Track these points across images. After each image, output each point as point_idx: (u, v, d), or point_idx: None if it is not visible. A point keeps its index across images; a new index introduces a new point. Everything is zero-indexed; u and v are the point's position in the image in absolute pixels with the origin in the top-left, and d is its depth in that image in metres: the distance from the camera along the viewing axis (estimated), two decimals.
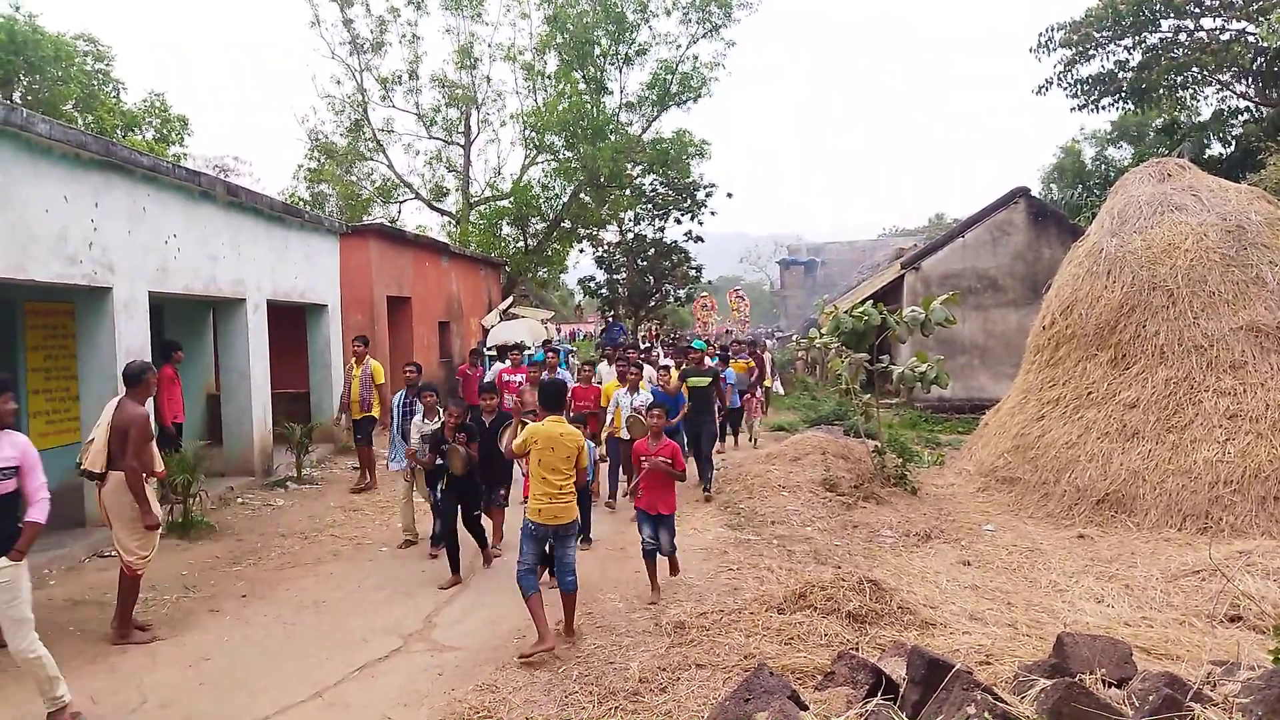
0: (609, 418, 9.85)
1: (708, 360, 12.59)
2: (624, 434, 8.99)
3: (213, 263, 10.27)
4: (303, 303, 12.99)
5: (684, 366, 11.29)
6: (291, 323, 13.37)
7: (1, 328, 9.76)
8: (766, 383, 18.02)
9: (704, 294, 33.48)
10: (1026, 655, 4.88)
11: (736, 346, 17.27)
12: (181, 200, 9.62)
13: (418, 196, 30.38)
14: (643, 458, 6.97)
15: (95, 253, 8.08)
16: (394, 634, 6.06)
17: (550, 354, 12.03)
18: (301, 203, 26.23)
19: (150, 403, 8.89)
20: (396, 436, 9.00)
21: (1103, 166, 31.41)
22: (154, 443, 6.22)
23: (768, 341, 31.63)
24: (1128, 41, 20.87)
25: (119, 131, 21.61)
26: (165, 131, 23.74)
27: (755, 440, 15.01)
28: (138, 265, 8.76)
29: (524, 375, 10.84)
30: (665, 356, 16.30)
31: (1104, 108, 22.32)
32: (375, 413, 11.01)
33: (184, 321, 12.10)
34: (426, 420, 8.02)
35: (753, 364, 15.73)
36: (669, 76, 27.71)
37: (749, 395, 14.85)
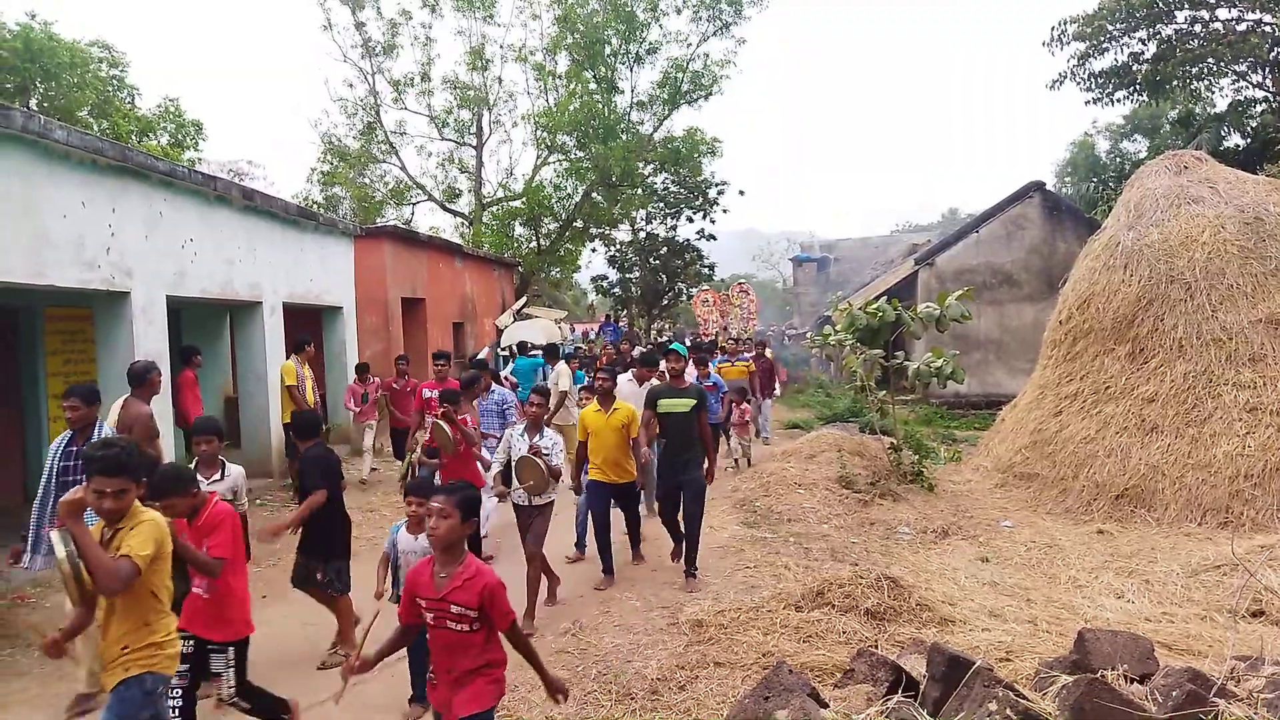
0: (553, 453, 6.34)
1: (689, 373, 8.83)
2: (520, 496, 6.33)
3: (229, 266, 10.34)
4: (318, 305, 13.06)
5: (653, 383, 7.90)
6: (307, 325, 13.44)
7: (21, 333, 9.87)
8: (778, 391, 16.15)
9: (705, 288, 30.29)
10: (1047, 652, 4.86)
11: (733, 346, 15.64)
12: (198, 204, 9.69)
13: (431, 198, 30.46)
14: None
15: (113, 257, 8.14)
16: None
17: (482, 372, 8.65)
18: (315, 205, 26.35)
19: (170, 405, 9.06)
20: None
21: (1117, 160, 31.20)
22: (158, 441, 6.27)
23: (780, 336, 31.01)
24: (1142, 34, 20.65)
25: (134, 137, 21.75)
26: (180, 136, 23.87)
27: (747, 461, 12.15)
28: (155, 269, 8.83)
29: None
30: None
31: (1118, 101, 22.14)
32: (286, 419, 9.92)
33: (201, 325, 12.18)
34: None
35: (752, 367, 13.88)
36: (680, 75, 27.68)
37: (737, 402, 11.85)
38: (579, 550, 8.06)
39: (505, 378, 11.65)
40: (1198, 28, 20.43)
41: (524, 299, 23.88)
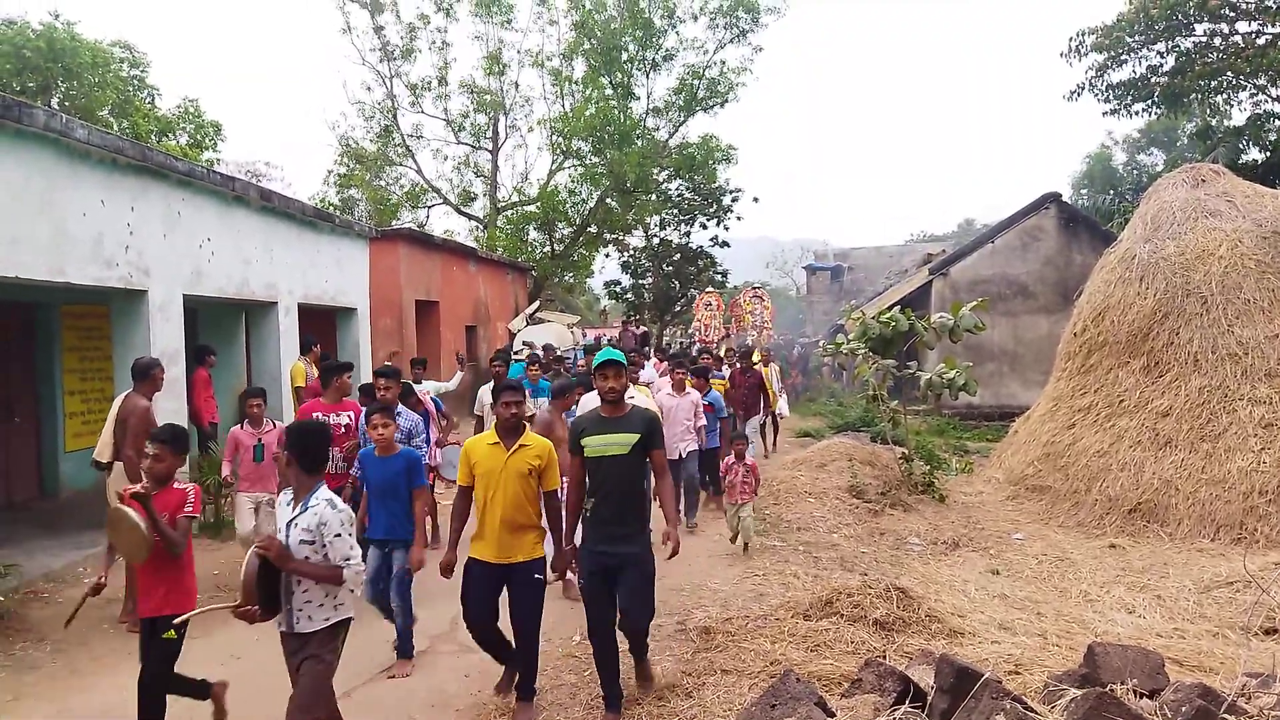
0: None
1: (638, 393, 7.15)
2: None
3: (245, 266, 10.42)
4: (333, 306, 13.13)
5: (575, 414, 6.37)
6: (322, 326, 13.52)
7: (39, 329, 9.96)
8: (774, 406, 13.69)
9: (708, 290, 27.12)
10: (1056, 665, 4.83)
11: (714, 361, 12.65)
12: (215, 205, 9.77)
13: (446, 201, 30.61)
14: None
15: (131, 256, 8.22)
16: (421, 636, 6.10)
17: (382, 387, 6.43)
18: (331, 207, 26.50)
19: (184, 403, 9.13)
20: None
21: (1134, 172, 31.03)
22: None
23: (790, 346, 30.03)
24: (1160, 46, 20.54)
25: (154, 137, 21.93)
26: (199, 137, 24.04)
27: (744, 545, 8.21)
28: (173, 268, 8.90)
29: (351, 416, 6.79)
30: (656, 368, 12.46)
31: (1136, 113, 22.04)
32: None
33: (217, 324, 12.27)
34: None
35: (726, 385, 11.41)
36: (696, 82, 27.74)
37: (737, 452, 8.38)
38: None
39: (423, 394, 8.49)
40: (1217, 41, 20.33)
41: (537, 303, 23.93)
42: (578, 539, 4.97)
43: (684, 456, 8.90)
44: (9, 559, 6.92)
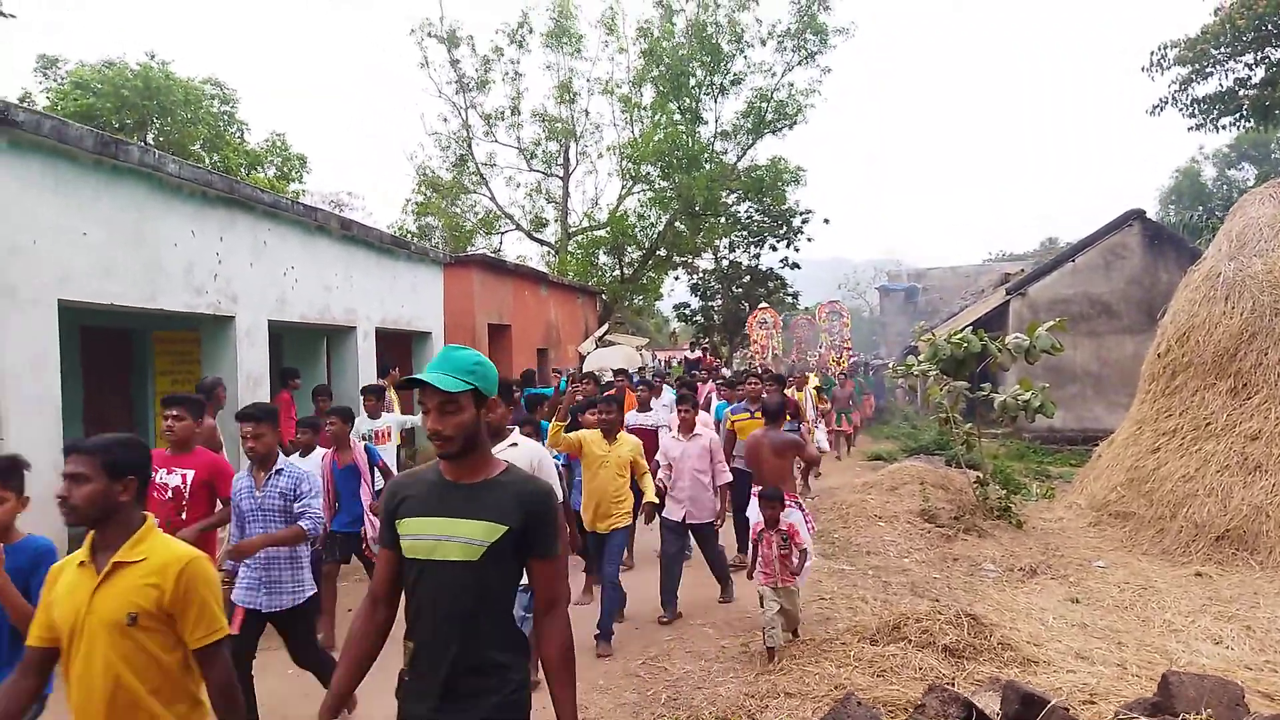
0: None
1: (524, 443, 4.64)
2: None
3: (327, 293, 10.82)
4: (409, 330, 13.52)
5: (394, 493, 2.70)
6: (398, 350, 13.91)
7: (133, 354, 10.51)
8: (812, 444, 9.53)
9: (762, 306, 25.33)
10: (1134, 696, 4.66)
11: (755, 382, 9.15)
12: (299, 234, 10.19)
13: (518, 227, 31.24)
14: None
15: (220, 284, 8.63)
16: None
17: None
18: (409, 235, 27.30)
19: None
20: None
21: (1224, 187, 29.86)
22: (221, 452, 6.44)
23: (861, 368, 27.16)
24: (1249, 58, 19.83)
25: (243, 170, 22.98)
26: (285, 169, 25.11)
27: (768, 653, 5.76)
28: (258, 295, 9.31)
29: (185, 476, 5.17)
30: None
31: (1223, 127, 21.26)
32: None
33: (300, 348, 12.75)
34: None
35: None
36: (764, 105, 27.78)
37: (771, 517, 5.82)
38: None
39: (328, 421, 6.62)
40: None
41: (606, 326, 24.17)
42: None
43: (698, 526, 7.02)
44: None
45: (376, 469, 6.54)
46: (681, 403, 7.28)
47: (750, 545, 6.11)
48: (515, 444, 4.51)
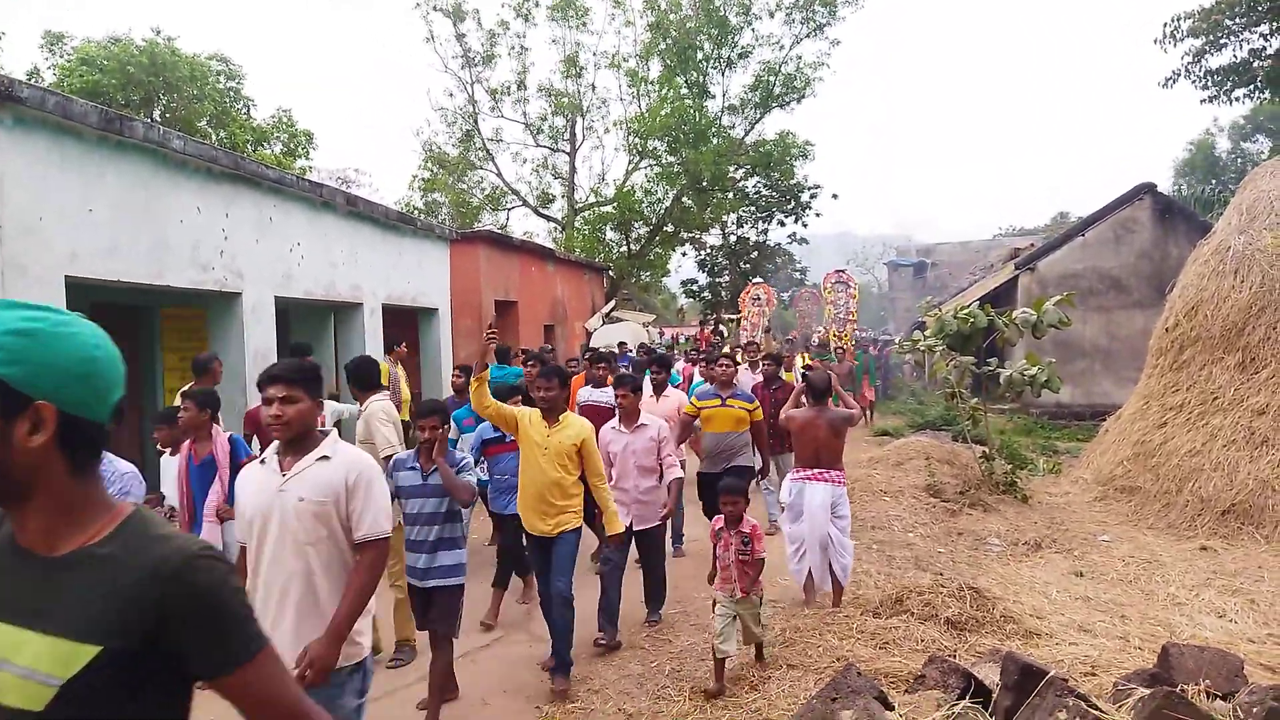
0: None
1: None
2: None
3: (333, 269, 10.84)
4: (415, 306, 13.53)
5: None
6: (405, 326, 13.95)
7: (141, 331, 10.55)
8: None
9: (755, 281, 24.56)
10: (1135, 668, 4.69)
11: (726, 364, 7.58)
12: (305, 210, 10.19)
13: (524, 203, 31.17)
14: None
15: (226, 260, 8.65)
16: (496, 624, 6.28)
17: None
18: (415, 211, 27.27)
19: None
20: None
21: (1238, 160, 29.54)
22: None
23: (867, 345, 23.98)
24: (1264, 28, 19.54)
25: (249, 146, 22.94)
26: (292, 146, 25.05)
27: (717, 658, 5.11)
28: (265, 272, 9.33)
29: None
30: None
31: (1237, 99, 21.01)
32: None
33: (306, 324, 12.79)
34: None
35: (757, 412, 7.18)
36: (772, 78, 27.57)
37: (731, 514, 5.15)
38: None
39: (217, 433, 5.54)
40: None
41: (613, 302, 24.17)
42: None
43: (645, 529, 6.01)
44: None
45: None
46: (620, 385, 6.11)
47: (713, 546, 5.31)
48: (327, 456, 2.98)
